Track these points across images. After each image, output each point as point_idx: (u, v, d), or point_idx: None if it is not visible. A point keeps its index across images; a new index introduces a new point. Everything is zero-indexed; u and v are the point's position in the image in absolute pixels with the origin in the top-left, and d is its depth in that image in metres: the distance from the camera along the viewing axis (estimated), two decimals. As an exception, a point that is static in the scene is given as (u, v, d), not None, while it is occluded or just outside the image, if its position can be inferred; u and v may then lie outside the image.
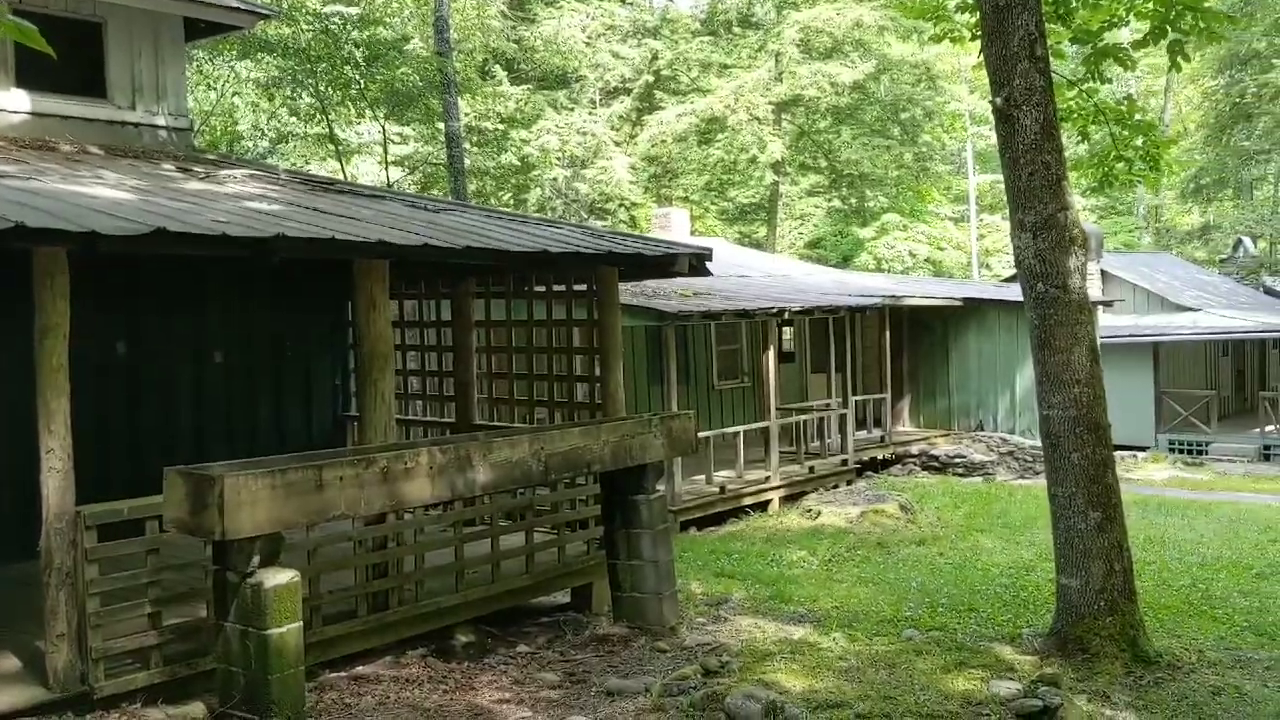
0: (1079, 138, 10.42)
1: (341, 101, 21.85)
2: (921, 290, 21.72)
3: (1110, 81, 10.87)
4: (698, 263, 9.40)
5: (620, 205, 35.57)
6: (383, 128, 22.15)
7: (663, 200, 30.49)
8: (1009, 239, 8.03)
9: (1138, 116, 10.04)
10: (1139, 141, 9.94)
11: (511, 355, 10.23)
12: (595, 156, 29.95)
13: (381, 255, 7.07)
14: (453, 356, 10.45)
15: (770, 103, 28.04)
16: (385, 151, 22.45)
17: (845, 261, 38.47)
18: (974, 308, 21.15)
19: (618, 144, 31.64)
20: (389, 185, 21.75)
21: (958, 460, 19.50)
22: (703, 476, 14.75)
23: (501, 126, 24.55)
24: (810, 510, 13.92)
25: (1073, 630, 7.56)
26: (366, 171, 24.16)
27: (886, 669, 6.89)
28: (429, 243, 7.09)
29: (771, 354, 15.65)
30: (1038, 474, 20.27)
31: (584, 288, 9.59)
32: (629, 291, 15.76)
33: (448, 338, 10.63)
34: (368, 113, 22.43)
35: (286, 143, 23.22)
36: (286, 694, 6.06)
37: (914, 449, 20.06)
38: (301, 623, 6.16)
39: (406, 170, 24.81)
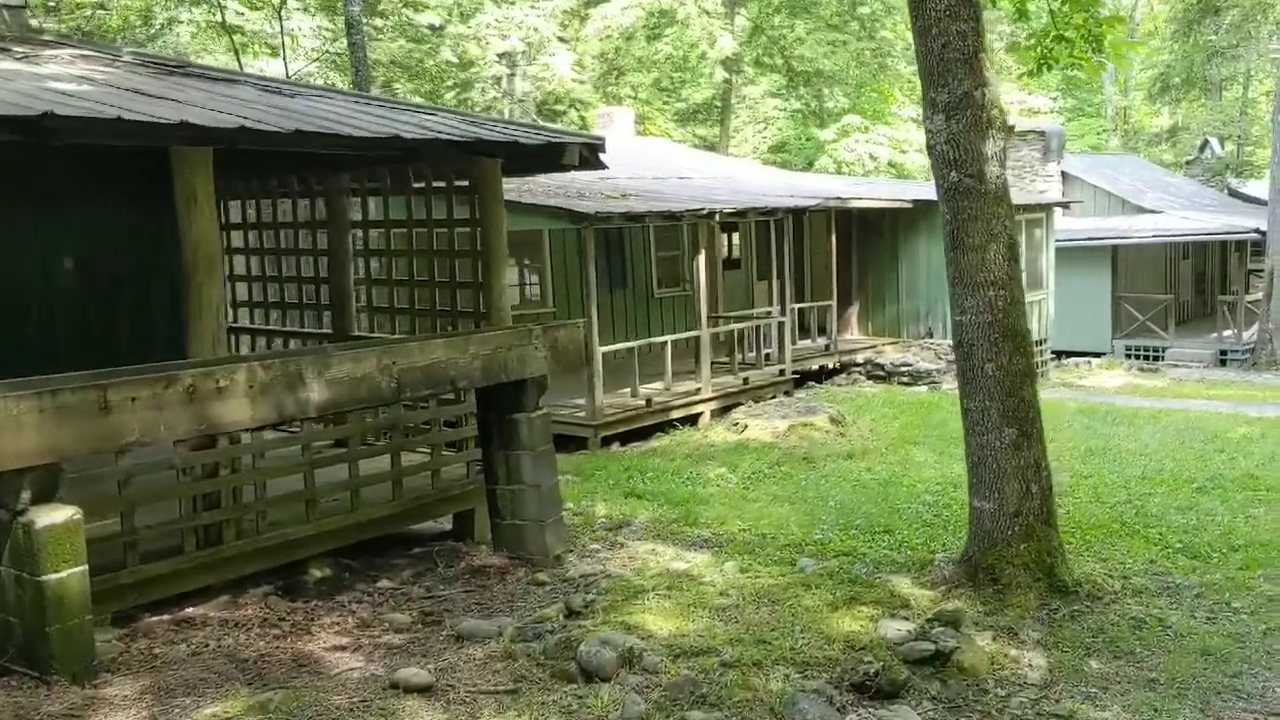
0: (1016, 16, 9.44)
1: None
2: (870, 192, 20.79)
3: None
4: (590, 154, 8.45)
5: (571, 106, 34.16)
6: (278, 12, 20.59)
7: (612, 100, 29.18)
8: None
9: (1080, -10, 9.04)
10: (1080, 19, 8.96)
11: (392, 260, 9.28)
12: (538, 53, 28.50)
13: (189, 140, 6.09)
14: (328, 261, 9.50)
15: (719, -5, 26.72)
16: (283, 40, 20.92)
17: (809, 166, 37.36)
18: (924, 210, 20.20)
19: (564, 40, 30.17)
20: (289, 78, 20.40)
21: (903, 369, 18.81)
22: (629, 389, 13.96)
23: (406, 11, 23.01)
24: (737, 424, 13.18)
25: (985, 558, 6.85)
26: (277, 69, 22.65)
27: (769, 606, 6.16)
28: (245, 125, 6.11)
29: (702, 259, 14.76)
30: (987, 382, 19.65)
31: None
32: (549, 192, 14.79)
33: (325, 241, 9.66)
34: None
35: (170, 30, 21.63)
36: (70, 647, 5.28)
37: (860, 358, 19.33)
38: (85, 567, 5.34)
39: (311, 62, 23.20)
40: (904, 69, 35.12)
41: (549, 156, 8.36)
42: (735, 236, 21.26)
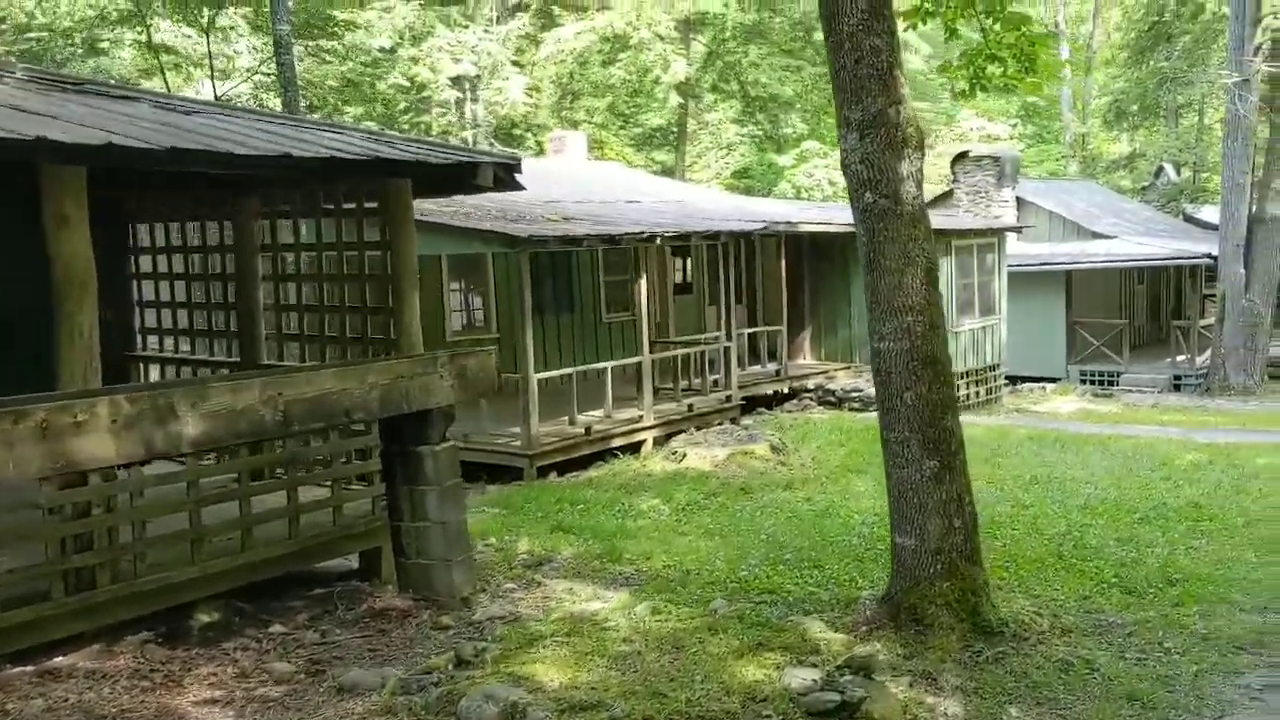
0: (947, 34, 9.21)
1: None
2: (821, 216, 20.58)
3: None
4: (505, 174, 8.11)
5: (528, 130, 33.88)
6: (206, 32, 20.11)
7: (568, 125, 28.89)
8: (934, 165, 6.82)
9: (1011, 8, 8.83)
10: (1012, 38, 8.74)
11: (300, 285, 8.88)
12: (491, 77, 28.16)
13: (52, 157, 5.70)
14: (235, 287, 9.09)
15: (674, 19, 26.35)
16: (210, 60, 20.41)
17: (769, 192, 37.27)
18: (877, 234, 20.06)
19: (519, 65, 29.86)
20: (218, 99, 19.94)
21: (854, 394, 18.53)
22: (567, 417, 13.58)
23: (338, 30, 22.58)
24: (676, 453, 12.83)
25: (907, 597, 6.53)
26: (218, 90, 22.10)
27: (672, 653, 5.79)
28: (113, 141, 5.72)
29: (644, 283, 14.43)
30: (940, 408, 19.44)
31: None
32: (489, 215, 14.44)
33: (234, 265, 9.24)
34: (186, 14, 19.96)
35: (110, 54, 21.09)
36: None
37: (811, 383, 19.05)
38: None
39: (241, 82, 22.62)
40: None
41: (461, 176, 8.00)
42: (688, 261, 21.02)
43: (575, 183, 20.96)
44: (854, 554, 8.76)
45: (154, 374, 9.97)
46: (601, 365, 14.22)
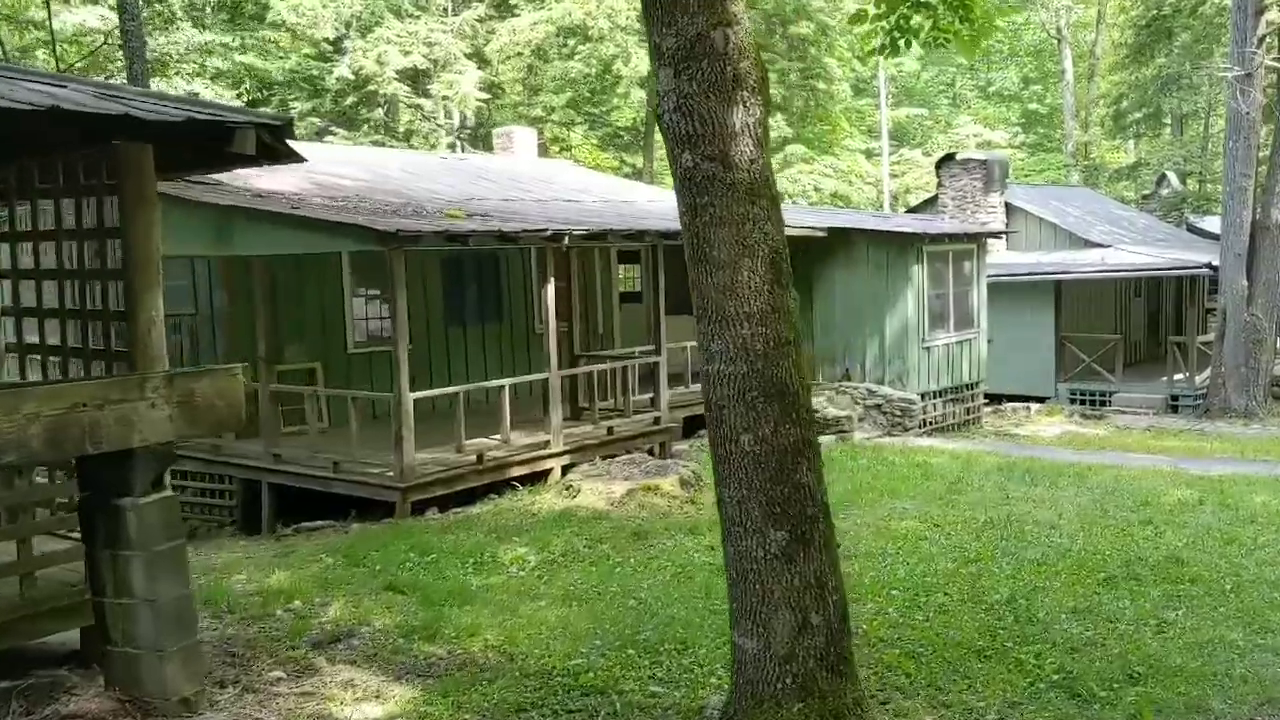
0: (861, -24, 7.43)
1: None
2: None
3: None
4: (274, 139, 6.27)
5: (495, 126, 32.07)
6: (47, 3, 18.18)
7: (527, 122, 27.09)
8: (930, 173, 5.01)
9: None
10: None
11: (15, 282, 7.03)
12: (441, 70, 26.35)
13: None
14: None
15: (635, 8, 24.54)
16: (50, 25, 18.45)
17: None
18: (841, 240, 18.22)
19: (483, 60, 28.05)
20: (59, 69, 18.03)
21: (810, 416, 16.66)
22: (455, 443, 11.74)
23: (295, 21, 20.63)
24: (570, 487, 10.97)
25: (751, 716, 4.68)
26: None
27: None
28: None
29: (551, 288, 12.58)
30: (906, 430, 17.57)
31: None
32: (375, 209, 12.64)
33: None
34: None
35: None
36: None
37: (764, 403, 17.17)
38: None
39: (84, 58, 20.70)
40: (848, 93, 33.30)
41: (215, 141, 6.18)
42: (636, 268, 19.23)
43: (513, 181, 19.17)
44: (735, 629, 6.88)
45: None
46: (496, 383, 12.37)
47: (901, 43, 7.34)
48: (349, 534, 10.56)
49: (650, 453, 14.08)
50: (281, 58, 27.06)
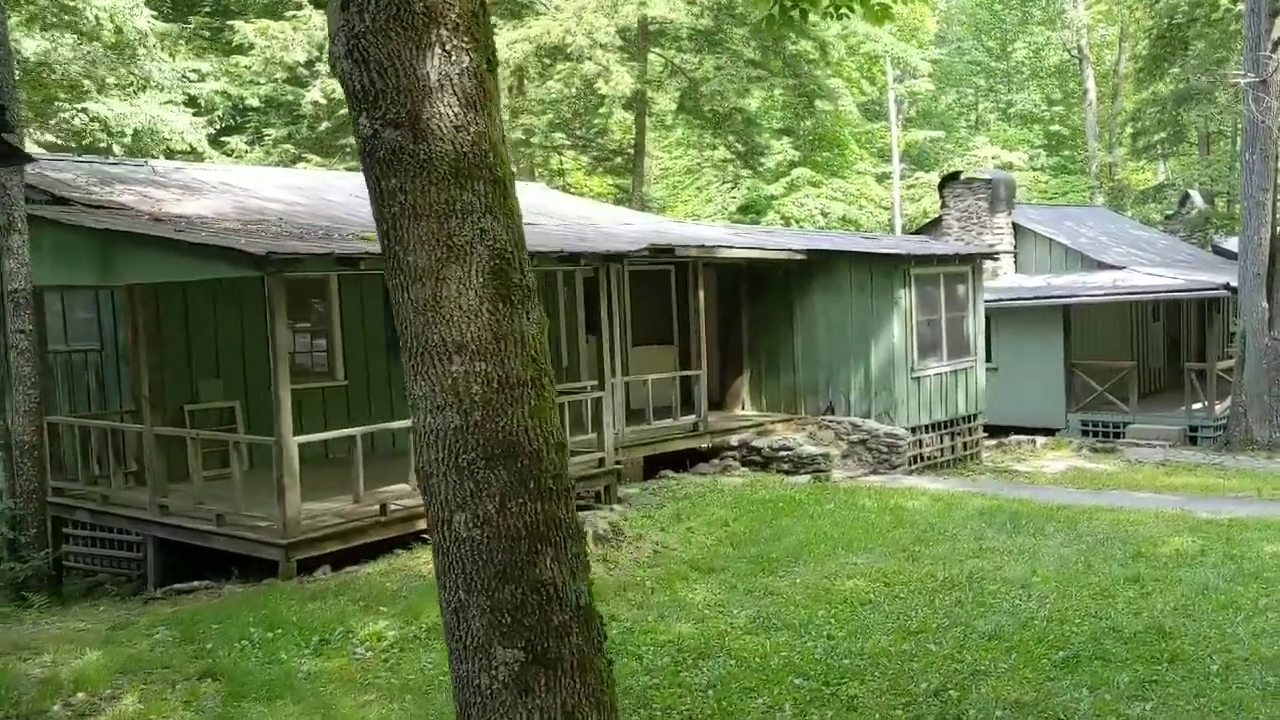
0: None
1: None
2: (752, 240, 17.43)
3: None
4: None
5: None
6: None
7: (515, 145, 25.92)
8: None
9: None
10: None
11: None
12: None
13: None
14: None
15: (617, 27, 23.33)
16: None
17: (757, 222, 34.28)
18: (822, 262, 16.89)
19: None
20: None
21: (784, 454, 15.32)
22: (353, 494, 10.47)
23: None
24: (472, 543, 9.64)
25: None
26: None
27: None
28: None
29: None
30: (894, 468, 16.11)
31: None
32: (276, 231, 11.48)
33: None
34: None
35: None
36: None
37: (735, 439, 15.84)
38: None
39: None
40: (842, 110, 31.94)
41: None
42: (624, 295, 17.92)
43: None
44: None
45: None
46: (402, 425, 11.09)
47: (795, 12, 6.07)
48: (220, 597, 9.30)
49: (597, 497, 12.78)
50: (254, 83, 26.18)
